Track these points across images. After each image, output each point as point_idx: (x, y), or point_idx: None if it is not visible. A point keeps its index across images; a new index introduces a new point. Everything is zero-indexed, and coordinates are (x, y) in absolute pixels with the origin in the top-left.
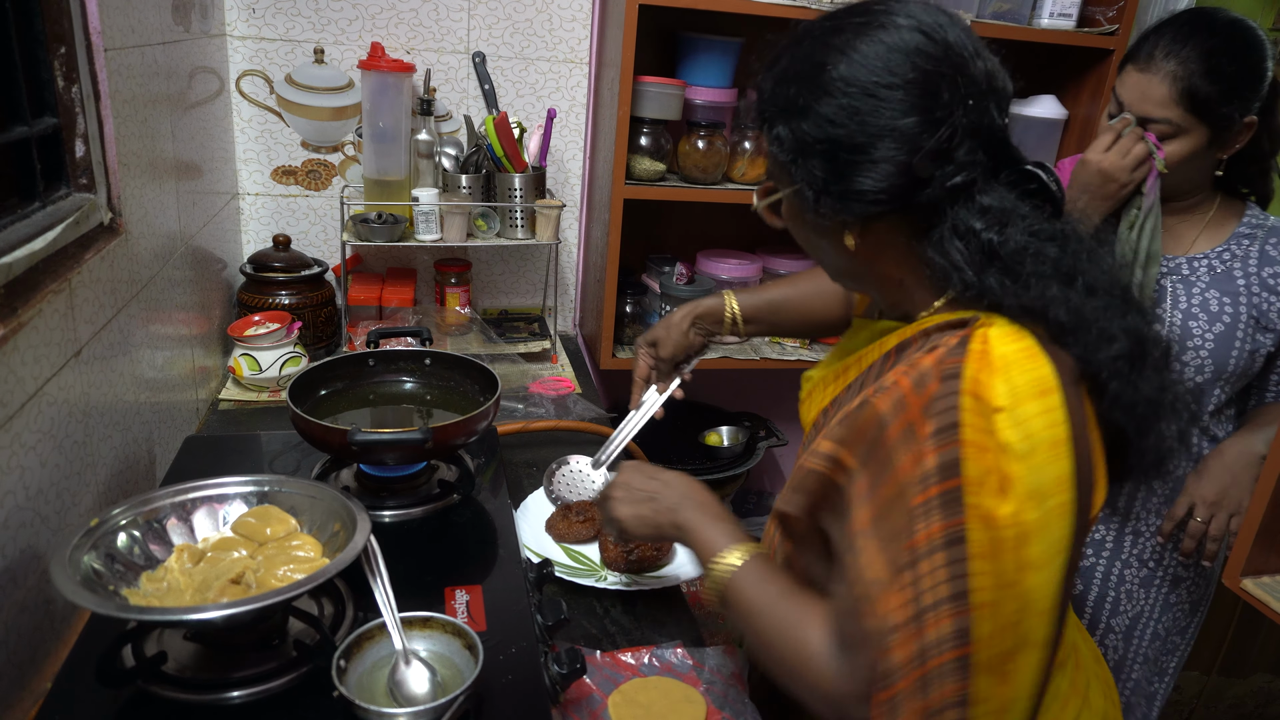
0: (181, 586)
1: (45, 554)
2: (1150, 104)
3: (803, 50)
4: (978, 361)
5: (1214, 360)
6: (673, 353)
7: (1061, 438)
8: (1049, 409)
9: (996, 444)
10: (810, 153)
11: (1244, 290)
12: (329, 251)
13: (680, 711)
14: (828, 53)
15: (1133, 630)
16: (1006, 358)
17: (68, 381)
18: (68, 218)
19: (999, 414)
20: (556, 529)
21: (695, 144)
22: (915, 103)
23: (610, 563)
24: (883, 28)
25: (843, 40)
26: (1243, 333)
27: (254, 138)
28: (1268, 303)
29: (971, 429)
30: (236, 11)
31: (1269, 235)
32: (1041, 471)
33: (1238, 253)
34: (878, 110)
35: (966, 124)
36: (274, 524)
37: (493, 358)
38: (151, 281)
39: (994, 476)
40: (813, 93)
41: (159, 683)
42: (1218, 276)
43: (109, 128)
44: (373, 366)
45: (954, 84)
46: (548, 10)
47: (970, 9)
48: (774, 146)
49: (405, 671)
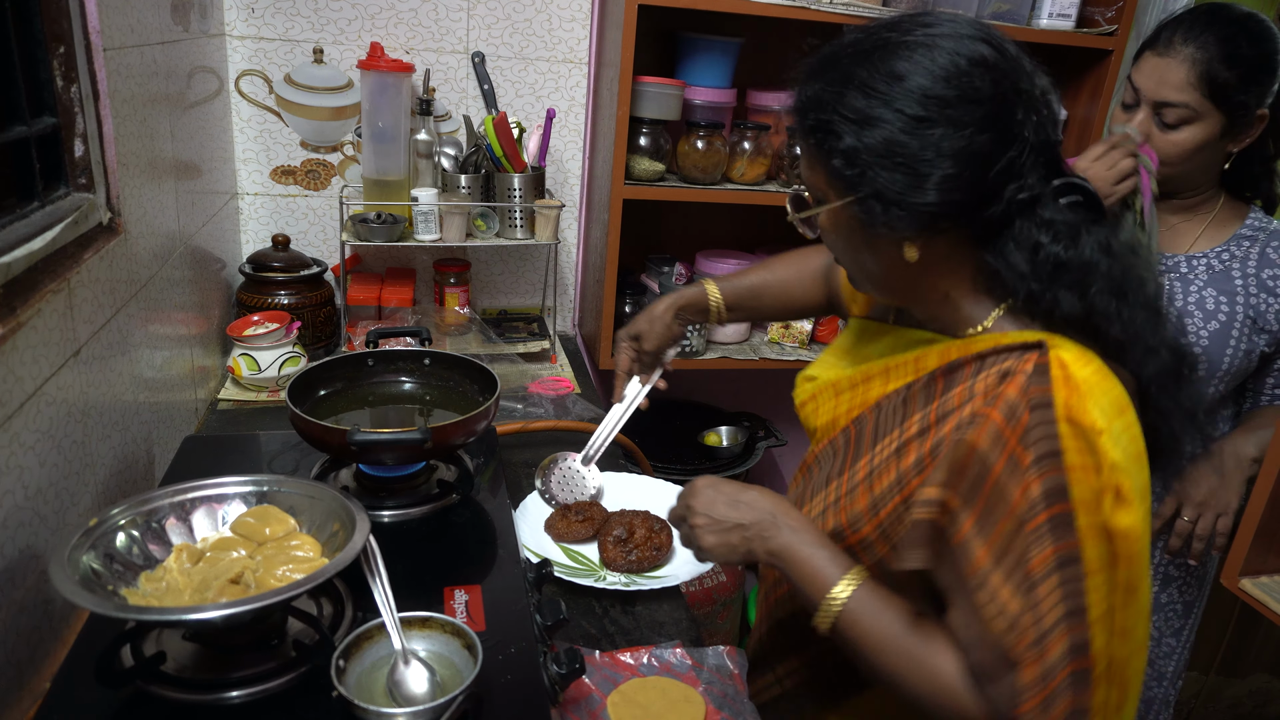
0: (180, 586)
1: (44, 554)
2: (1168, 88)
3: (871, 60)
4: (1064, 388)
5: (1208, 358)
6: (657, 345)
7: (1142, 451)
8: (1129, 425)
9: (1108, 463)
10: (883, 165)
11: (1241, 290)
12: (328, 251)
13: (679, 711)
14: (900, 63)
15: None
16: (1089, 381)
17: (66, 381)
18: (67, 217)
19: (1102, 436)
20: (555, 529)
21: (694, 144)
22: (993, 119)
23: (609, 563)
24: (952, 38)
25: (914, 51)
26: (1238, 332)
27: (253, 137)
28: (1265, 304)
29: (1074, 453)
30: (235, 11)
31: (1271, 238)
32: (1140, 482)
33: (1237, 253)
34: (959, 122)
35: (1034, 141)
36: (273, 524)
37: (492, 358)
38: (150, 281)
39: (1109, 494)
40: (888, 104)
41: (158, 683)
42: (1216, 275)
43: (108, 127)
44: (372, 366)
45: (1027, 102)
46: (547, 10)
47: (969, 9)
48: (836, 159)
49: (404, 671)
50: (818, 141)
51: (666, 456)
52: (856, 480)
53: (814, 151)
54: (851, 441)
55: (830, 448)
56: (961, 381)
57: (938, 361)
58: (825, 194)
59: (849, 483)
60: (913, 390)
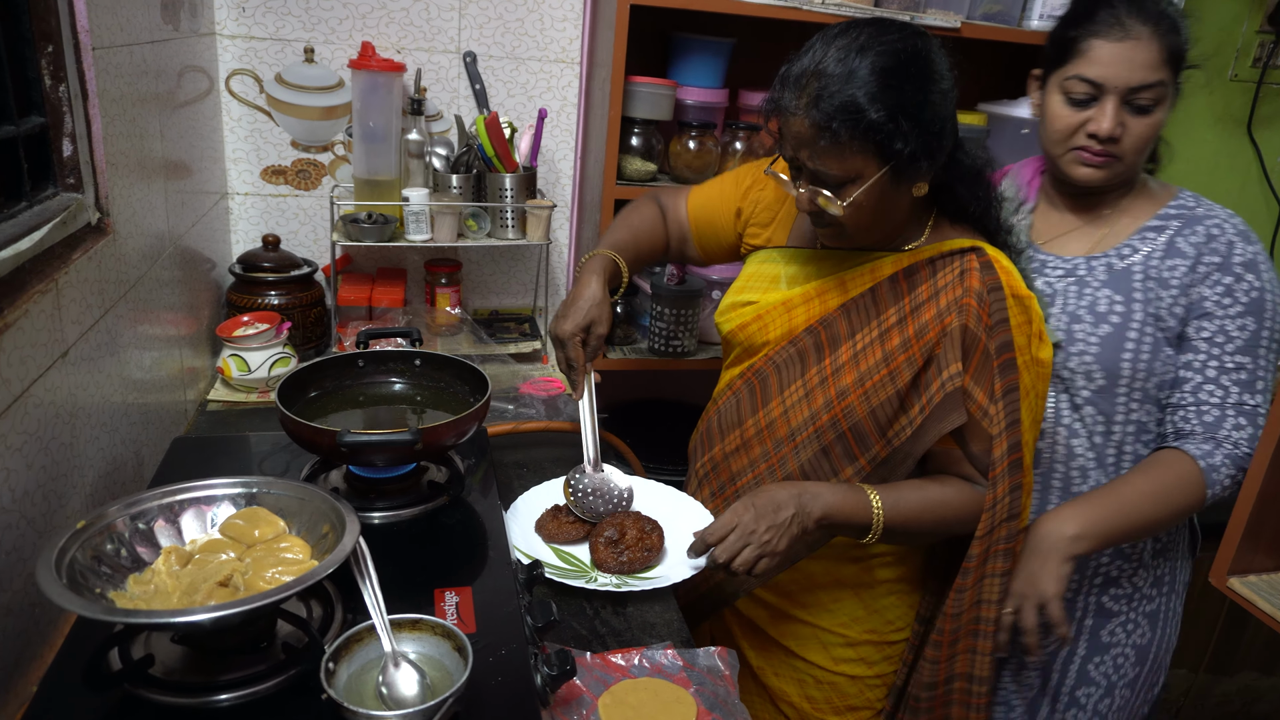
0: (169, 589)
1: (31, 557)
2: (1143, 70)
3: (897, 53)
4: (1005, 274)
5: (1101, 364)
6: (609, 325)
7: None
8: (1030, 292)
9: (1037, 317)
10: (926, 130)
11: (1140, 287)
12: (319, 252)
13: (670, 712)
14: (919, 51)
15: (1071, 689)
16: (1012, 267)
17: (54, 383)
18: (55, 217)
19: (1032, 300)
20: (546, 529)
21: (686, 144)
22: (954, 81)
23: (601, 564)
24: (920, 34)
25: (916, 39)
26: (1136, 333)
27: (243, 137)
28: (1159, 298)
29: (1015, 315)
30: (226, 10)
31: (1185, 225)
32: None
33: (1140, 247)
34: (951, 87)
35: None
36: (262, 526)
37: (483, 358)
38: (139, 282)
39: (1035, 338)
40: (924, 86)
41: (146, 686)
42: (1115, 274)
43: (97, 127)
44: (362, 367)
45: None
46: (539, 10)
47: (961, 10)
48: (886, 136)
49: (394, 674)
50: (871, 128)
51: (658, 457)
52: (841, 362)
53: (851, 139)
54: (822, 338)
55: (791, 349)
56: (923, 281)
57: (893, 268)
58: (861, 171)
59: (833, 365)
60: (878, 291)
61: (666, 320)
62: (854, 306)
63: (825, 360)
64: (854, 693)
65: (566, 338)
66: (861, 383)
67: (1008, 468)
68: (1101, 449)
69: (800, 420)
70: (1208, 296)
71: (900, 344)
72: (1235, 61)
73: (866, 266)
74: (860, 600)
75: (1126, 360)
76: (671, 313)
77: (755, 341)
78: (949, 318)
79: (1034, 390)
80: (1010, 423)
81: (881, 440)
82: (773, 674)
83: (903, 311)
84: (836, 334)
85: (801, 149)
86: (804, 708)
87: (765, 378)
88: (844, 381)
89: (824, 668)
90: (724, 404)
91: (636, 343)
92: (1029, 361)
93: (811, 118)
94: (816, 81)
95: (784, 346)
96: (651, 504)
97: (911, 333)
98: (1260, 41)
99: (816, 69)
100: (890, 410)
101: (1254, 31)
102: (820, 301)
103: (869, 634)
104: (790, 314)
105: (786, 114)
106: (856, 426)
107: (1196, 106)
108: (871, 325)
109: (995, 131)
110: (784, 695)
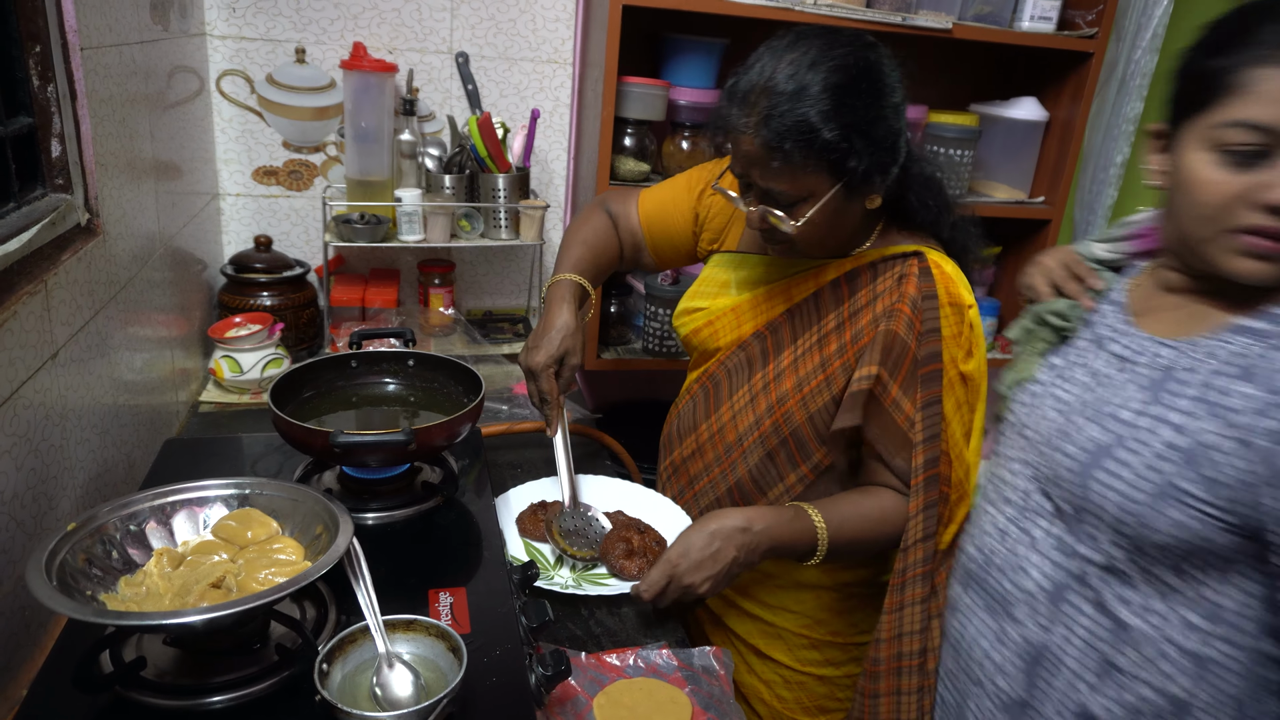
0: (161, 591)
1: (21, 559)
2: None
3: (848, 68)
4: (943, 280)
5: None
6: (582, 355)
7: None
8: (973, 301)
9: (969, 330)
10: (879, 146)
11: (1184, 403)
12: (311, 252)
13: (665, 712)
14: (870, 64)
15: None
16: (955, 272)
17: (44, 384)
18: (44, 218)
19: (971, 309)
20: (523, 524)
21: (679, 144)
22: (904, 92)
23: (625, 573)
24: (871, 46)
25: (867, 52)
26: (1142, 458)
27: (235, 138)
28: (1203, 429)
29: (948, 326)
30: (216, 10)
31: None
32: (981, 337)
33: (1219, 349)
34: (903, 99)
35: None
36: (255, 527)
37: (477, 359)
38: (130, 283)
39: (963, 351)
40: (877, 101)
41: (138, 688)
42: (1159, 371)
43: (86, 127)
44: (355, 368)
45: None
46: (531, 10)
47: (952, 11)
48: (840, 155)
49: (388, 675)
50: (826, 147)
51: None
52: (782, 368)
53: (804, 160)
54: (768, 344)
55: (740, 355)
56: (863, 286)
57: (836, 273)
58: (814, 190)
59: (774, 370)
60: (821, 296)
61: (661, 321)
62: (798, 311)
63: (769, 365)
64: (824, 693)
65: (540, 369)
66: (800, 388)
67: (924, 482)
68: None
69: (746, 426)
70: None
71: (837, 349)
72: None
73: (811, 271)
74: (821, 602)
75: (1111, 493)
76: (665, 313)
77: (708, 347)
78: (882, 324)
79: (966, 403)
80: (928, 436)
81: (822, 448)
82: (745, 671)
83: (841, 317)
84: (781, 339)
85: (752, 168)
86: (775, 706)
87: (718, 382)
88: (784, 387)
89: (791, 667)
90: (683, 408)
91: (630, 343)
92: (958, 376)
93: (762, 137)
94: (766, 99)
95: (734, 352)
96: (635, 509)
97: (848, 338)
98: None
99: (766, 85)
100: (827, 416)
101: None
102: (768, 307)
103: (833, 635)
104: (739, 319)
105: (735, 132)
106: (796, 432)
107: None
108: (812, 330)
109: (986, 132)
110: (756, 693)
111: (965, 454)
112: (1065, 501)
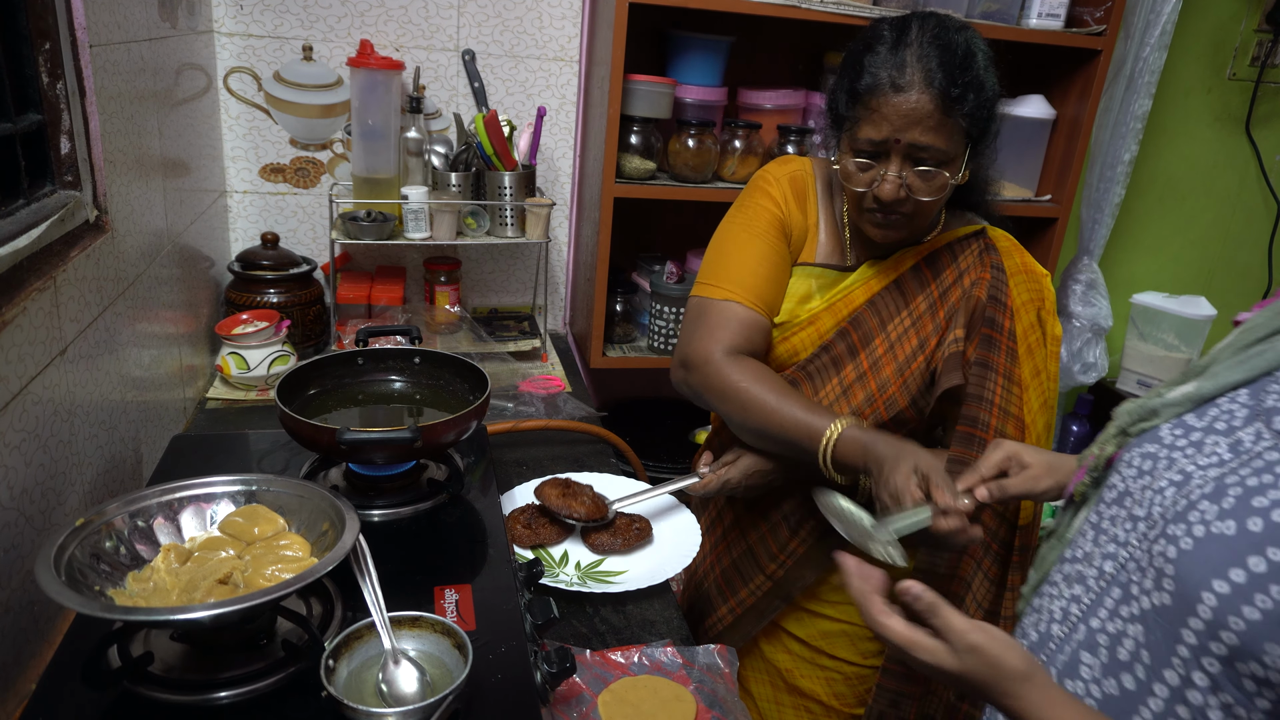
0: (168, 586)
1: (30, 554)
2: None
3: (973, 43)
4: (1016, 252)
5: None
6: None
7: None
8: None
9: (1050, 296)
10: (997, 118)
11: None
12: (318, 250)
13: (670, 710)
14: (979, 42)
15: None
16: (1019, 247)
17: (53, 380)
18: (53, 215)
19: (1046, 277)
20: (514, 533)
21: (685, 142)
22: None
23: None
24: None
25: (974, 33)
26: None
27: (242, 135)
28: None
29: (1019, 292)
30: (224, 8)
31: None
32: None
33: None
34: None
35: None
36: (262, 523)
37: (482, 356)
38: (138, 279)
39: (1045, 312)
40: (986, 74)
41: (145, 684)
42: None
43: (94, 124)
44: (362, 365)
45: None
46: (538, 8)
47: (959, 8)
48: (987, 115)
49: (394, 671)
50: (982, 103)
51: (657, 455)
52: (877, 355)
53: (973, 110)
54: (853, 338)
55: (824, 356)
56: (946, 265)
57: (914, 259)
58: (958, 152)
59: (869, 359)
60: (903, 282)
61: (666, 319)
62: (880, 299)
63: (860, 355)
64: None
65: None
66: (900, 373)
67: (956, 438)
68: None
69: None
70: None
71: (933, 329)
72: (1234, 60)
73: (890, 261)
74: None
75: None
76: (672, 311)
77: (798, 353)
78: (972, 293)
79: (1045, 370)
80: (971, 396)
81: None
82: (799, 675)
83: (931, 298)
84: (868, 330)
85: (912, 126)
86: (832, 704)
87: (797, 384)
88: (884, 374)
89: (854, 662)
90: None
91: (636, 341)
92: (1039, 340)
93: (937, 87)
94: (937, 53)
95: (816, 353)
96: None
97: (942, 317)
98: (1259, 40)
99: (934, 40)
100: (928, 395)
101: (1252, 30)
102: (845, 303)
103: None
104: (816, 324)
105: (897, 90)
106: (898, 416)
107: (1195, 106)
108: (902, 315)
109: None
110: (813, 694)
111: (1039, 426)
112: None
